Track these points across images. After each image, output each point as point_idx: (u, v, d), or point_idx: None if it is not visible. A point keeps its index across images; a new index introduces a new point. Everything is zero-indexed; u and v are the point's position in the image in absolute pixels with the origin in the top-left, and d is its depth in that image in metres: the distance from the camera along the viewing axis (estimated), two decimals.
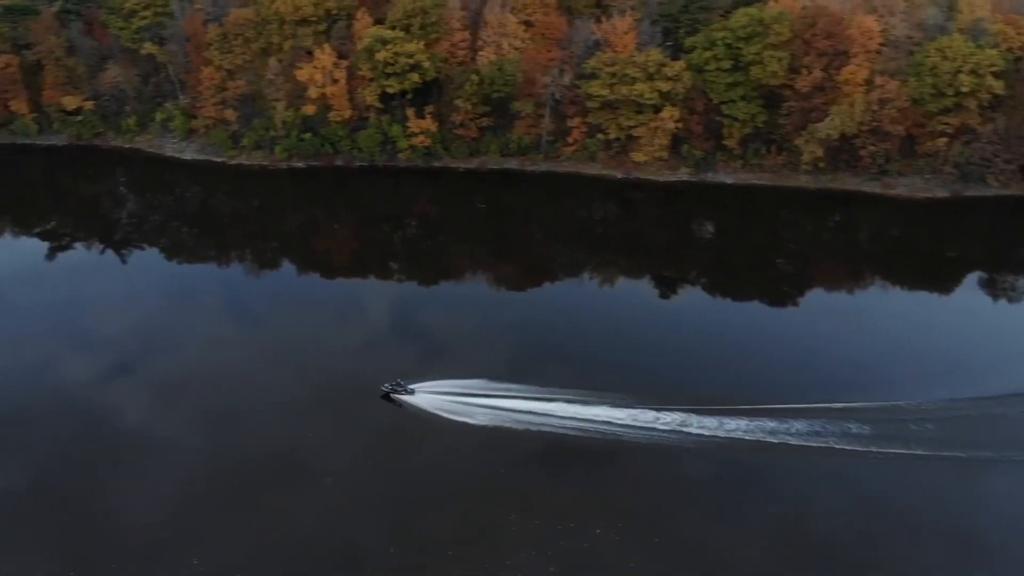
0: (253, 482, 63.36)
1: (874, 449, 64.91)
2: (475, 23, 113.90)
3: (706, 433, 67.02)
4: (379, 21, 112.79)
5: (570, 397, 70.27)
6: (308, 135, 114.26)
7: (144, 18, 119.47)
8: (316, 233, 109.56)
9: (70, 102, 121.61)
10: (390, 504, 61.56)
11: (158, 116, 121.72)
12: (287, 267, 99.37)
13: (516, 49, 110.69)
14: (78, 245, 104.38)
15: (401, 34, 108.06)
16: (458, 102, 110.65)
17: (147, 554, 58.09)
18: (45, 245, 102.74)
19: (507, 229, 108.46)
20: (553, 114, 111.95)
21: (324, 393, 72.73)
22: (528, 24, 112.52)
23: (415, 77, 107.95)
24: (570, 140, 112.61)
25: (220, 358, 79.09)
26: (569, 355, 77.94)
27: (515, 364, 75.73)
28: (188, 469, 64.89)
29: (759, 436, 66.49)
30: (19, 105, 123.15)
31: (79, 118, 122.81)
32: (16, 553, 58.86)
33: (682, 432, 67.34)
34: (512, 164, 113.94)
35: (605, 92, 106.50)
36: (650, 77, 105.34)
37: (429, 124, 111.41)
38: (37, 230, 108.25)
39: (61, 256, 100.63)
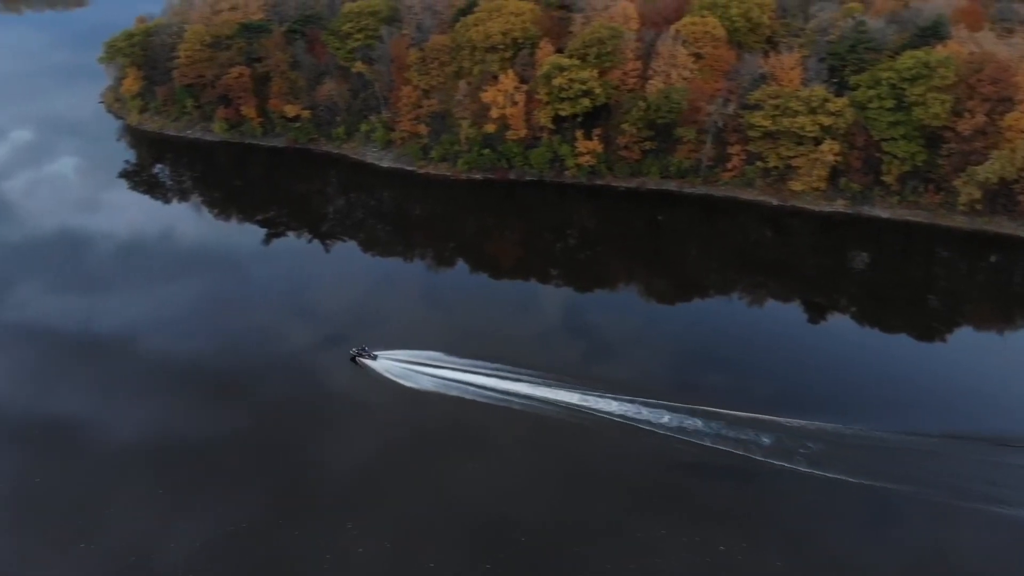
0: (437, 443, 75.05)
1: None
2: (647, 53, 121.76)
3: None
4: (560, 50, 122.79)
5: (711, 409, 76.25)
6: (487, 150, 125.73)
7: (357, 40, 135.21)
8: (488, 237, 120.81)
9: (291, 110, 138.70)
10: None
11: (363, 127, 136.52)
12: (462, 265, 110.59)
13: (684, 79, 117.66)
14: (290, 233, 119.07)
15: (577, 62, 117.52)
16: (624, 126, 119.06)
17: (336, 502, 69.66)
18: (264, 231, 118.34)
19: (663, 245, 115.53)
20: (714, 141, 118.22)
21: None
22: (698, 56, 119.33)
23: (586, 102, 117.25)
24: (729, 166, 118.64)
25: (415, 335, 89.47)
26: (718, 364, 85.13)
27: (671, 371, 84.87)
28: (383, 432, 77.14)
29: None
30: (249, 110, 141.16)
31: (297, 124, 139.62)
32: (236, 487, 71.39)
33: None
34: (671, 185, 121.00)
35: (767, 123, 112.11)
36: (812, 111, 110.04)
37: (595, 145, 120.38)
38: (259, 217, 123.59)
39: (277, 241, 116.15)
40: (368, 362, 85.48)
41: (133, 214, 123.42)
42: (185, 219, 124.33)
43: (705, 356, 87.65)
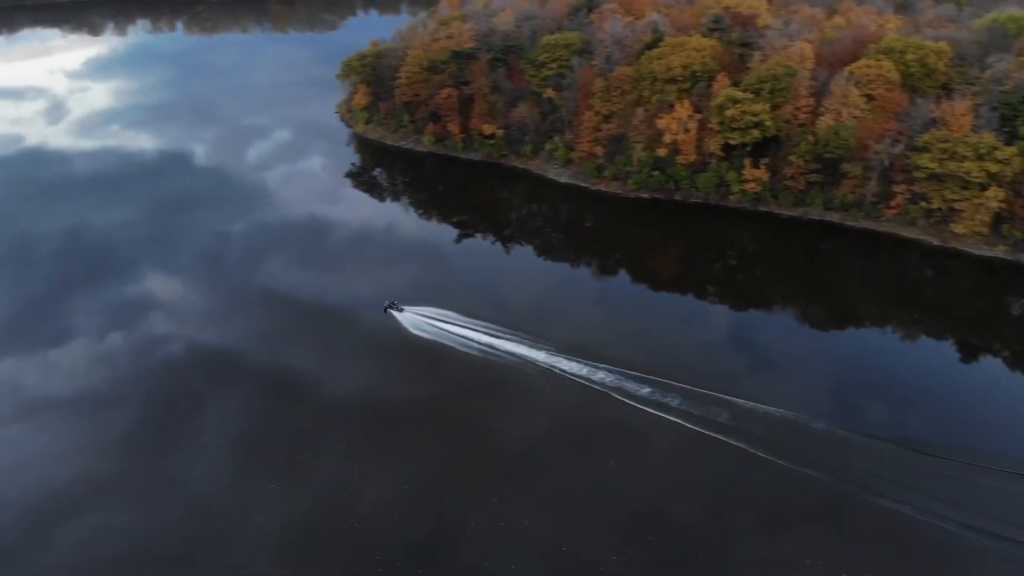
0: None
1: None
2: (820, 91, 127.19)
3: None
4: (735, 84, 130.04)
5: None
6: (656, 172, 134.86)
7: (551, 69, 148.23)
8: (651, 251, 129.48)
9: (488, 128, 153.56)
10: None
11: (547, 146, 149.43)
12: (624, 275, 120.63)
13: (854, 118, 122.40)
14: (479, 234, 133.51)
15: (751, 96, 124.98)
16: (792, 158, 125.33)
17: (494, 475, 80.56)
18: (458, 231, 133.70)
19: (821, 274, 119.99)
20: (880, 178, 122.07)
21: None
22: (870, 97, 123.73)
23: (756, 133, 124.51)
24: (892, 204, 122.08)
25: (586, 338, 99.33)
26: (871, 390, 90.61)
27: (829, 392, 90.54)
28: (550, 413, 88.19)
29: None
30: (454, 127, 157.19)
31: (492, 141, 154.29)
32: (421, 449, 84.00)
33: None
34: (833, 218, 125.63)
35: (934, 165, 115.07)
36: (980, 157, 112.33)
37: (762, 174, 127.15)
38: (455, 219, 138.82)
39: (468, 240, 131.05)
40: (395, 313, 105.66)
41: (357, 208, 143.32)
42: (396, 215, 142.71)
43: (859, 381, 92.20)
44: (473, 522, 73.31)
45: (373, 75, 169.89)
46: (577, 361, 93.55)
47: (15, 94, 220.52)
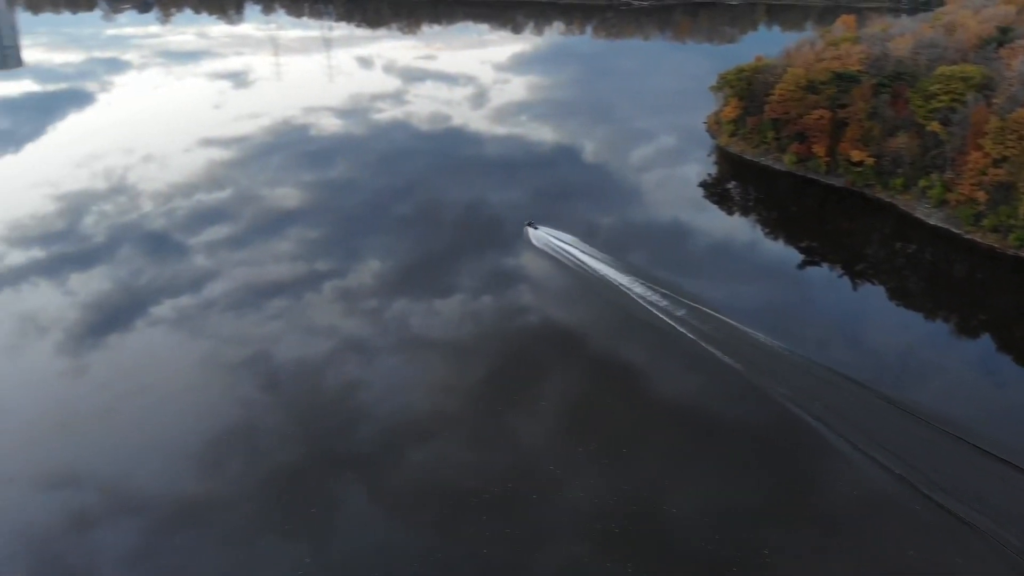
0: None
1: None
2: None
3: None
4: None
5: None
6: None
7: (941, 101, 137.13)
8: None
9: (857, 155, 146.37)
10: None
11: (921, 183, 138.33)
12: (988, 341, 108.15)
13: None
14: (825, 264, 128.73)
15: None
16: None
17: None
18: (803, 256, 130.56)
19: None
20: None
21: None
22: None
23: None
24: None
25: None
26: None
27: None
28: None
29: None
30: (819, 149, 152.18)
31: (859, 169, 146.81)
32: None
33: None
34: None
35: None
36: None
37: None
38: (802, 244, 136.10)
39: (811, 268, 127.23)
40: (530, 230, 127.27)
41: (707, 217, 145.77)
42: (742, 229, 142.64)
43: None
44: None
45: (747, 89, 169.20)
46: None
47: (451, 79, 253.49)
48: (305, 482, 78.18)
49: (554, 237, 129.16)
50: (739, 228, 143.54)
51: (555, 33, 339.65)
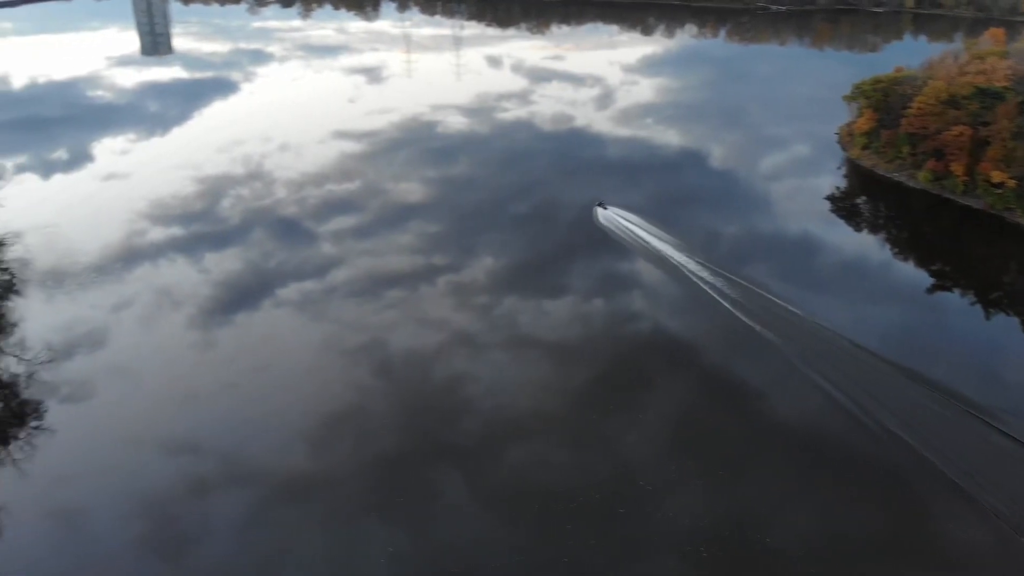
0: None
1: None
2: None
3: None
4: None
5: None
6: None
7: None
8: None
9: (997, 176, 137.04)
10: None
11: None
12: None
13: None
14: (956, 289, 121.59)
15: None
16: None
17: None
18: (931, 280, 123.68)
19: None
20: None
21: None
22: None
23: None
24: None
25: None
26: None
27: None
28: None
29: None
30: (957, 168, 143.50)
31: (999, 191, 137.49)
32: None
33: None
34: None
35: None
36: None
37: None
38: (933, 267, 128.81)
39: (940, 293, 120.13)
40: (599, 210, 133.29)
41: (834, 232, 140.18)
42: (871, 248, 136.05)
43: None
44: None
45: (884, 101, 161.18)
46: None
47: (577, 80, 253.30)
48: (407, 469, 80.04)
49: (621, 217, 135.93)
50: (867, 246, 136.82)
51: (686, 36, 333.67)
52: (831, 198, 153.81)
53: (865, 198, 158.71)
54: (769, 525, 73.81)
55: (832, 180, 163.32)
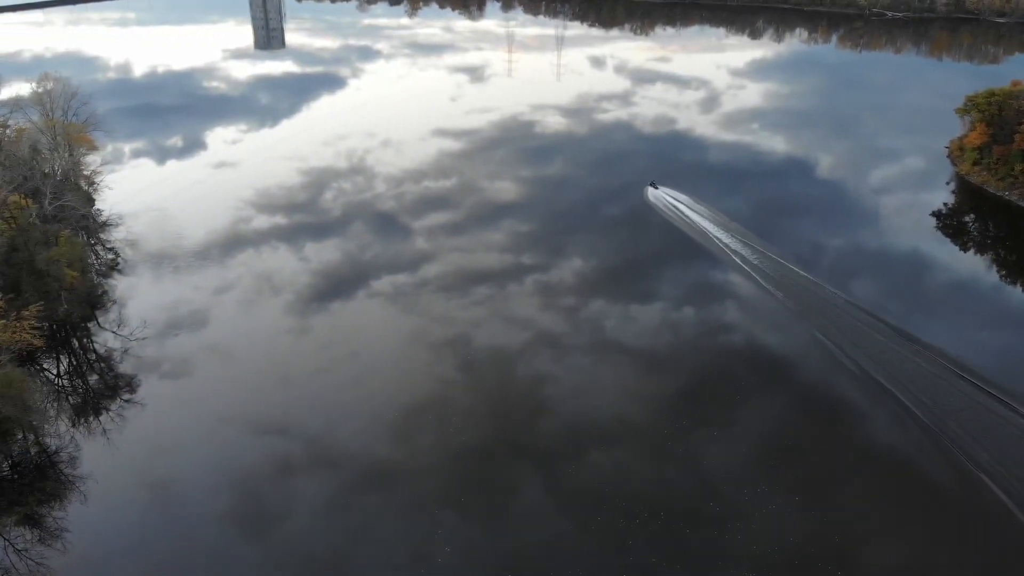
0: None
1: None
2: None
3: None
4: None
5: None
6: None
7: None
8: None
9: None
10: None
11: None
12: None
13: None
14: None
15: None
16: None
17: None
18: None
19: None
20: None
21: None
22: None
23: None
24: None
25: None
26: None
27: None
28: None
29: None
30: None
31: None
32: None
33: None
34: None
35: None
36: None
37: None
38: None
39: None
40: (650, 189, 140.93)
41: (939, 251, 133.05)
42: (979, 269, 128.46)
43: None
44: None
45: (997, 115, 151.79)
46: None
47: (681, 82, 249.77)
48: (486, 465, 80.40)
49: (671, 197, 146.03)
50: (975, 267, 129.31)
51: (796, 40, 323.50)
52: (937, 214, 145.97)
53: (973, 216, 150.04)
54: (860, 548, 70.63)
55: (940, 196, 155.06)
